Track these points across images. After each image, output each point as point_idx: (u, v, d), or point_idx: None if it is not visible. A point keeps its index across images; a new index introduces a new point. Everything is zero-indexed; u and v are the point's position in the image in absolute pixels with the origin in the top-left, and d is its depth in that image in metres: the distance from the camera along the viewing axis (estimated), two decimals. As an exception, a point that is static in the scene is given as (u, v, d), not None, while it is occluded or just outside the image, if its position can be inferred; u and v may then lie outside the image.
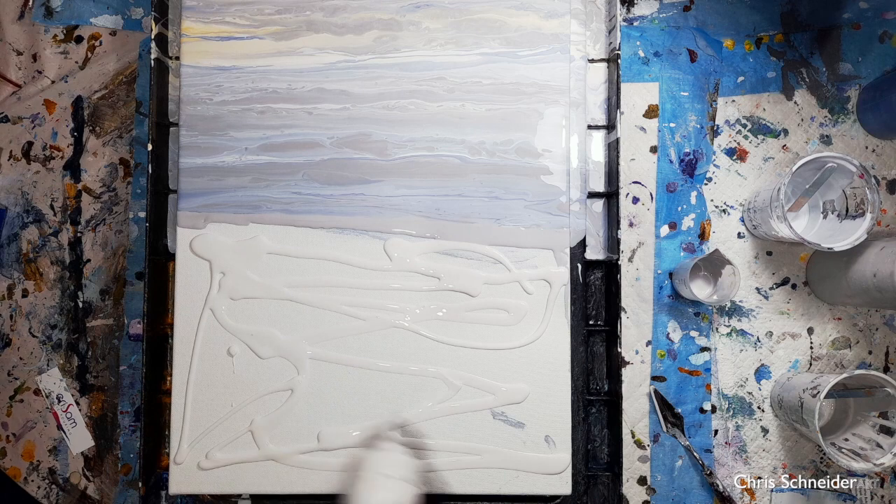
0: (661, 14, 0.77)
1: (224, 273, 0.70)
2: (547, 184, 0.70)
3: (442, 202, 0.70)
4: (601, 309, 0.74)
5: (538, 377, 0.69)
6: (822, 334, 0.75)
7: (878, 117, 0.73)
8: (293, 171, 0.71)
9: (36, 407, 0.78)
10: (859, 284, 0.67)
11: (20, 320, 0.79)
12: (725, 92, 0.76)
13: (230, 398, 0.69)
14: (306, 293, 0.70)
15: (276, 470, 0.68)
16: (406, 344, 0.69)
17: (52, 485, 0.77)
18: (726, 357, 0.75)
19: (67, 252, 0.79)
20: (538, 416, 0.68)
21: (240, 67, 0.72)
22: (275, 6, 0.72)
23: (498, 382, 0.69)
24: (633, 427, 0.75)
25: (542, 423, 0.68)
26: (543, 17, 0.71)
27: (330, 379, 0.69)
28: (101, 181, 0.79)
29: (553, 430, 0.68)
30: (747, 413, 0.74)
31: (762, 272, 0.75)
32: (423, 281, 0.70)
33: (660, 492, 0.74)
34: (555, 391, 0.68)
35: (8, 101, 0.81)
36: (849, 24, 0.76)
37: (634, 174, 0.76)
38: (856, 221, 0.66)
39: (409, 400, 0.69)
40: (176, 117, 0.74)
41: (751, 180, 0.76)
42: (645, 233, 0.76)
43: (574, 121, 0.73)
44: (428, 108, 0.71)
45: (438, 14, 0.72)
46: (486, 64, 0.71)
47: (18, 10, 0.82)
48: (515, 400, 0.68)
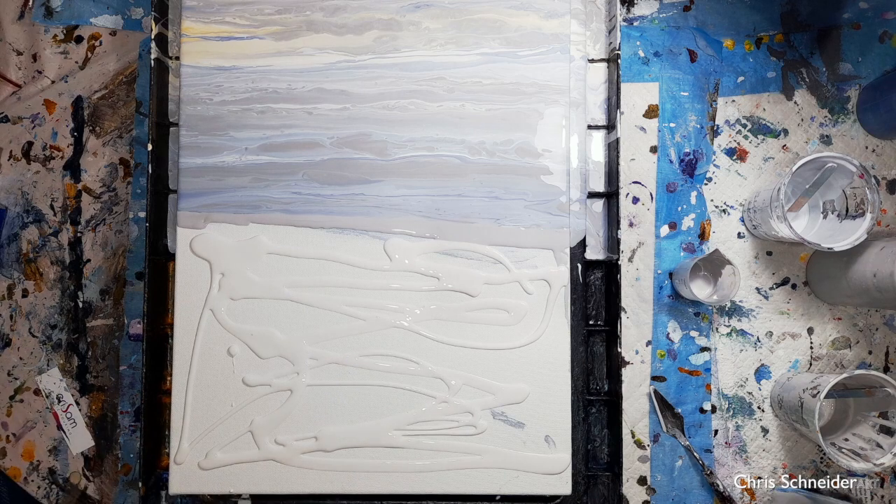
0: (661, 14, 0.77)
1: (224, 273, 0.70)
2: (547, 184, 0.70)
3: (442, 202, 0.70)
4: (601, 309, 0.74)
5: (538, 377, 0.69)
6: (822, 334, 0.75)
7: (878, 117, 0.73)
8: (293, 171, 0.71)
9: (36, 407, 0.78)
10: (859, 284, 0.66)
11: (20, 320, 0.79)
12: (725, 92, 0.76)
13: (230, 398, 0.69)
14: (306, 293, 0.70)
15: (276, 470, 0.68)
16: (406, 344, 0.69)
17: (52, 485, 0.77)
18: (726, 357, 0.75)
19: (67, 252, 0.79)
20: (538, 416, 0.68)
21: (240, 67, 0.72)
22: (275, 6, 0.72)
23: (498, 382, 0.69)
24: (633, 427, 0.75)
25: (542, 423, 0.68)
26: (543, 17, 0.71)
27: (330, 379, 0.69)
28: (101, 181, 0.79)
29: (553, 430, 0.68)
30: (747, 413, 0.74)
31: (762, 272, 0.75)
32: (423, 281, 0.70)
33: (660, 492, 0.74)
34: (555, 391, 0.68)
35: (8, 101, 0.81)
36: (849, 24, 0.76)
37: (634, 174, 0.76)
38: (856, 221, 0.66)
39: (409, 400, 0.69)
40: (176, 117, 0.74)
41: (751, 180, 0.76)
42: (645, 233, 0.76)
43: (574, 121, 0.73)
44: (428, 108, 0.71)
45: (438, 14, 0.72)
46: (486, 64, 0.71)
47: (18, 10, 0.82)
48: (515, 400, 0.69)
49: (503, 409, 0.68)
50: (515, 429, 0.68)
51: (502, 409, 0.69)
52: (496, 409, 0.69)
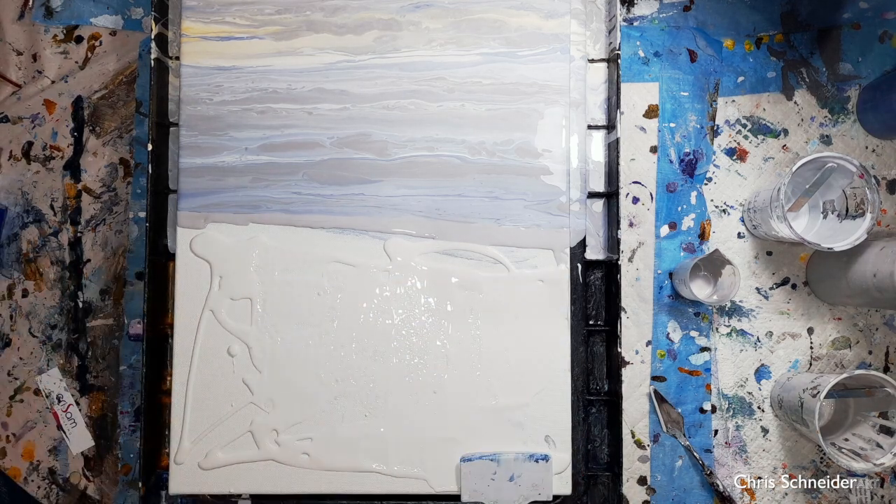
0: (661, 14, 0.77)
1: (224, 273, 0.70)
2: (547, 184, 0.70)
3: (442, 202, 0.70)
4: (601, 309, 0.74)
5: (538, 377, 0.69)
6: (822, 334, 0.75)
7: (878, 117, 0.73)
8: (293, 171, 0.71)
9: (36, 407, 0.78)
10: (859, 284, 0.67)
11: (20, 320, 0.79)
12: (725, 92, 0.76)
13: (230, 398, 0.69)
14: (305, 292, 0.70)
15: (276, 470, 0.68)
16: (405, 344, 0.69)
17: (52, 485, 0.77)
18: (726, 357, 0.75)
19: (67, 252, 0.79)
20: (538, 416, 0.68)
21: (240, 67, 0.72)
22: (275, 6, 0.72)
23: (498, 382, 0.69)
24: (633, 427, 0.75)
25: (542, 423, 0.68)
26: (543, 17, 0.71)
27: (329, 379, 0.69)
28: (101, 181, 0.79)
29: (553, 430, 0.68)
30: (747, 413, 0.74)
31: (762, 272, 0.75)
32: (423, 281, 0.70)
33: (660, 492, 0.74)
34: (555, 391, 0.68)
35: (8, 101, 0.81)
36: (849, 24, 0.76)
37: (634, 174, 0.76)
38: (856, 221, 0.66)
39: (409, 400, 0.69)
40: (176, 117, 0.74)
41: (751, 180, 0.76)
42: (645, 233, 0.76)
43: (574, 121, 0.73)
44: (428, 108, 0.71)
45: (438, 14, 0.72)
46: (486, 64, 0.71)
47: (18, 10, 0.82)
48: (516, 400, 0.68)
49: (503, 409, 0.68)
50: (515, 429, 0.68)
51: (502, 409, 0.68)
52: (496, 410, 0.68)
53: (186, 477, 0.68)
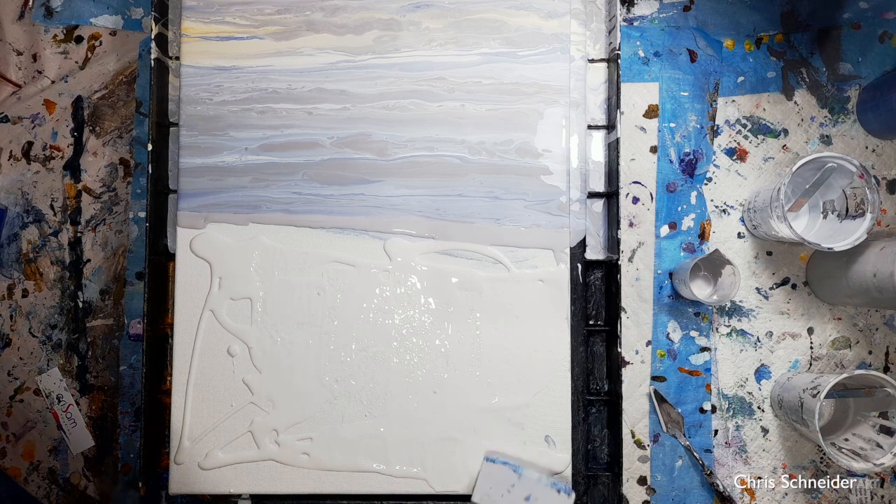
0: (661, 14, 0.77)
1: (224, 273, 0.70)
2: (547, 184, 0.70)
3: (442, 202, 0.70)
4: (601, 309, 0.74)
5: (538, 377, 0.69)
6: (822, 334, 0.75)
7: (878, 117, 0.73)
8: (293, 171, 0.71)
9: (36, 407, 0.78)
10: (859, 284, 0.67)
11: (20, 320, 0.79)
12: (725, 92, 0.76)
13: (230, 398, 0.69)
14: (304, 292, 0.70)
15: (276, 470, 0.68)
16: (406, 344, 0.69)
17: (52, 485, 0.77)
18: (726, 357, 0.75)
19: (67, 252, 0.79)
20: (538, 416, 0.68)
21: (240, 67, 0.72)
22: (275, 6, 0.72)
23: (498, 382, 0.69)
24: (633, 427, 0.75)
25: (542, 423, 0.68)
26: (543, 17, 0.71)
27: (329, 379, 0.69)
28: (101, 181, 0.79)
29: (553, 430, 0.68)
30: (747, 413, 0.74)
31: (762, 272, 0.75)
32: (423, 281, 0.70)
33: (660, 492, 0.74)
34: (555, 391, 0.68)
35: (8, 101, 0.81)
36: (849, 24, 0.76)
37: (634, 174, 0.76)
38: (856, 221, 0.66)
39: (409, 400, 0.69)
40: (176, 117, 0.74)
41: (751, 180, 0.76)
42: (645, 233, 0.76)
43: (574, 121, 0.73)
44: (428, 108, 0.71)
45: (438, 14, 0.72)
46: (486, 64, 0.71)
47: (18, 10, 0.82)
48: (516, 400, 0.68)
49: (503, 408, 0.68)
50: (515, 429, 0.68)
51: (502, 408, 0.68)
52: (496, 410, 0.68)
53: (186, 477, 0.68)
